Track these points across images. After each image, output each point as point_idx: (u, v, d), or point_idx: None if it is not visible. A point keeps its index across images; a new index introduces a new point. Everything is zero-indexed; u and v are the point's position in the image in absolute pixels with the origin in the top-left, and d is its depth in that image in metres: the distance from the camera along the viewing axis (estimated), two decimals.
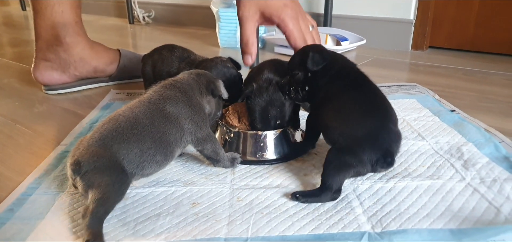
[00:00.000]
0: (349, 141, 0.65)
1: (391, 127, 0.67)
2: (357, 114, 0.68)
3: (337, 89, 0.72)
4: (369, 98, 0.70)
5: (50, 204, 0.67)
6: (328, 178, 0.64)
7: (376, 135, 0.65)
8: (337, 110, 0.70)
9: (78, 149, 0.63)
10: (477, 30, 1.82)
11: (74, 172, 0.61)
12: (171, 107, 0.70)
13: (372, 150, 0.63)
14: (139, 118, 0.67)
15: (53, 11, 1.21)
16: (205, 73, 0.80)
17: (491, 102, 1.15)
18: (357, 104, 0.69)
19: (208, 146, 0.74)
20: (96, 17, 3.17)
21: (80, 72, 1.29)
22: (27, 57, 1.77)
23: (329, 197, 0.65)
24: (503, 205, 0.62)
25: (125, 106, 0.70)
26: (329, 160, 0.65)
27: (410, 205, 0.64)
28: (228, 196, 0.69)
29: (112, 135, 0.63)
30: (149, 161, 0.66)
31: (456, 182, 0.70)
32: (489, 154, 0.79)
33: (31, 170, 0.79)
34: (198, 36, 2.36)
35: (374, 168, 0.65)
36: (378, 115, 0.68)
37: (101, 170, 0.60)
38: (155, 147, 0.66)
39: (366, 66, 1.63)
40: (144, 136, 0.65)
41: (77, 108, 1.16)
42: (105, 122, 0.66)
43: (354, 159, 0.63)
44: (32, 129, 1.01)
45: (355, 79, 0.74)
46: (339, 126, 0.68)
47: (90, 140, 0.63)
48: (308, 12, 2.12)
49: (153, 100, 0.70)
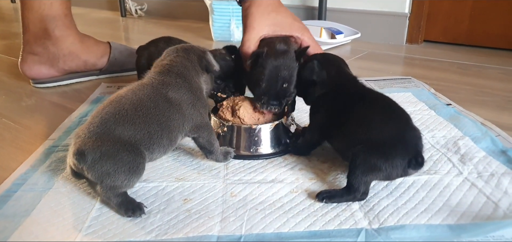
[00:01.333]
0: (376, 147, 0.62)
1: (413, 126, 0.65)
2: (380, 120, 0.65)
3: (348, 101, 0.70)
4: (385, 103, 0.69)
5: (36, 201, 0.64)
6: (356, 181, 0.62)
7: (404, 137, 0.63)
8: (357, 119, 0.66)
9: (78, 137, 0.60)
10: (471, 24, 1.81)
11: (78, 161, 0.59)
12: (173, 93, 0.68)
13: (404, 152, 0.61)
14: (143, 101, 0.65)
15: (42, 3, 1.17)
16: (191, 47, 0.77)
17: (486, 96, 1.14)
18: (377, 111, 0.67)
19: (204, 134, 0.72)
20: (88, 10, 3.12)
21: (70, 66, 1.26)
22: (16, 50, 1.73)
23: (357, 198, 0.63)
24: (501, 200, 0.61)
25: (125, 89, 0.68)
26: (357, 164, 0.62)
27: (407, 200, 0.63)
28: (221, 191, 0.67)
29: (115, 118, 0.61)
30: (157, 144, 0.64)
31: (454, 177, 0.69)
32: (485, 148, 0.78)
33: (17, 165, 0.76)
34: (192, 29, 2.33)
35: (405, 171, 0.62)
36: (399, 118, 0.66)
37: (109, 155, 0.58)
38: (162, 130, 0.65)
39: (361, 59, 1.62)
40: (150, 119, 0.64)
41: (66, 102, 1.13)
42: (105, 105, 0.64)
43: (385, 163, 0.61)
44: (19, 123, 0.98)
45: (362, 89, 0.73)
46: (363, 135, 0.64)
47: (91, 126, 0.61)
48: (303, 6, 2.13)
49: (155, 85, 0.68)
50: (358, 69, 1.45)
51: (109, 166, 0.58)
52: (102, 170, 0.58)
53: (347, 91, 0.72)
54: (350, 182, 0.62)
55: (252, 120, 0.81)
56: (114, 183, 0.59)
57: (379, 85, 1.21)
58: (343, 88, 0.73)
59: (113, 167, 0.59)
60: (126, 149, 0.60)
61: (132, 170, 0.60)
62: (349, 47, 1.85)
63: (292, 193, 0.66)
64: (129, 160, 0.60)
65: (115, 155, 0.59)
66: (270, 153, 0.79)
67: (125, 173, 0.59)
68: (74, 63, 1.26)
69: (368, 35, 1.94)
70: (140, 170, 0.61)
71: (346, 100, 0.70)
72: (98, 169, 0.58)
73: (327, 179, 0.70)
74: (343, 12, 2.02)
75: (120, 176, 0.59)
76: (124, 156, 0.59)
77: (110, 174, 0.59)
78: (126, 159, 0.59)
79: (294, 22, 0.88)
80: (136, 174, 0.61)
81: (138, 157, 0.61)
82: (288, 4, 2.17)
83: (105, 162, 0.58)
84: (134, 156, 0.60)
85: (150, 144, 0.63)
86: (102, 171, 0.58)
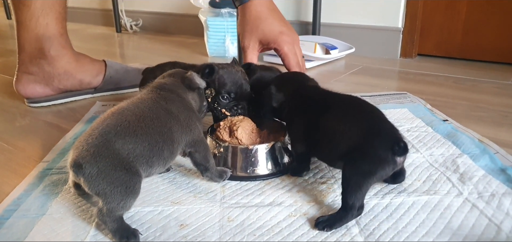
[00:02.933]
0: (356, 149, 0.63)
1: (386, 120, 0.67)
2: (350, 123, 0.66)
3: (314, 114, 0.72)
4: (352, 105, 0.71)
5: (28, 229, 0.63)
6: (351, 196, 0.61)
7: (378, 130, 0.64)
8: (329, 130, 0.68)
9: (77, 148, 0.60)
10: (465, 37, 1.83)
11: (76, 173, 0.58)
12: (171, 105, 0.69)
13: (383, 143, 0.62)
14: (145, 112, 0.65)
15: (38, 23, 1.16)
16: (175, 71, 0.79)
17: (483, 111, 1.14)
18: (345, 116, 0.68)
19: (200, 149, 0.72)
20: (83, 25, 3.11)
21: (65, 85, 1.25)
22: (11, 68, 1.71)
23: (355, 216, 0.62)
24: (503, 222, 0.60)
25: (126, 102, 0.68)
26: (348, 178, 0.62)
27: (407, 223, 0.62)
28: (218, 216, 0.66)
29: (116, 130, 0.61)
30: (157, 157, 0.64)
31: (454, 197, 0.68)
32: (485, 167, 0.77)
33: (10, 190, 0.75)
34: (187, 44, 2.33)
35: (394, 162, 0.62)
36: (369, 114, 0.68)
37: (106, 173, 0.58)
38: (163, 141, 0.65)
39: (356, 74, 1.62)
40: (152, 129, 0.64)
41: (61, 122, 1.11)
42: (106, 117, 0.64)
43: (372, 164, 0.61)
44: (13, 145, 0.96)
45: (326, 95, 0.76)
46: (340, 141, 0.66)
47: (90, 138, 0.60)
48: (296, 21, 2.13)
49: (154, 98, 0.69)
50: (353, 84, 1.46)
51: (106, 184, 0.58)
52: (99, 188, 0.58)
53: (310, 102, 0.75)
54: (345, 200, 0.62)
55: (250, 141, 0.80)
56: (110, 204, 0.58)
57: (375, 100, 1.21)
58: (306, 100, 0.76)
59: (109, 186, 0.58)
60: (124, 168, 0.59)
61: (129, 190, 0.59)
62: (343, 62, 1.86)
63: (291, 217, 0.65)
64: (126, 180, 0.59)
65: (112, 173, 0.58)
66: (267, 174, 0.78)
67: (121, 194, 0.58)
68: (69, 82, 1.25)
69: (362, 50, 1.94)
70: (136, 190, 0.60)
71: (312, 111, 0.72)
72: (95, 185, 0.58)
73: (325, 201, 0.69)
74: (337, 27, 2.03)
75: (117, 196, 0.58)
76: (121, 175, 0.58)
77: (106, 194, 0.58)
78: (123, 178, 0.59)
79: (279, 35, 0.97)
80: (132, 194, 0.60)
81: (135, 177, 0.60)
82: None
83: (102, 180, 0.57)
84: (130, 175, 0.59)
85: (150, 157, 0.63)
86: (98, 189, 0.58)
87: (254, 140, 0.81)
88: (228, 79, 0.83)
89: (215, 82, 0.83)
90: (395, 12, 1.87)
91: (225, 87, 0.83)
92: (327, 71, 1.69)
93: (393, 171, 0.64)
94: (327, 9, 2.02)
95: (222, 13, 1.96)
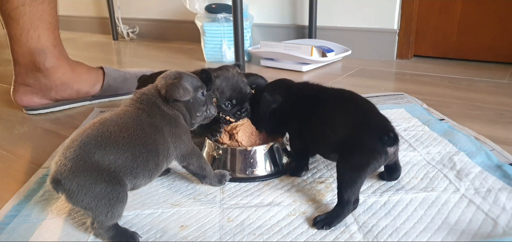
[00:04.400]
0: (346, 141, 0.64)
1: (377, 111, 0.68)
2: (339, 115, 0.68)
3: (307, 109, 0.73)
4: (341, 96, 0.73)
5: (29, 233, 0.63)
6: (346, 191, 0.62)
7: (368, 121, 0.65)
8: (320, 124, 0.70)
9: (56, 163, 0.58)
10: (460, 38, 1.84)
11: (55, 190, 0.57)
12: (154, 119, 0.66)
13: (373, 134, 0.63)
14: (129, 124, 0.63)
15: (29, 36, 1.15)
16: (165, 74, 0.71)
17: (478, 110, 1.15)
18: (334, 107, 0.70)
19: (193, 161, 0.71)
20: (80, 34, 3.12)
21: (62, 96, 1.24)
22: (8, 77, 1.72)
23: (351, 210, 0.63)
24: (499, 217, 0.61)
25: (110, 113, 0.66)
26: (342, 173, 0.63)
27: (406, 219, 0.63)
28: (218, 216, 0.66)
29: (96, 141, 0.59)
30: (142, 167, 0.62)
31: (451, 194, 0.69)
32: (481, 163, 0.78)
33: (10, 196, 0.75)
34: (184, 50, 2.34)
35: (385, 153, 0.63)
36: (360, 107, 0.69)
37: (87, 188, 0.56)
38: (148, 152, 0.62)
39: (353, 76, 1.63)
40: (136, 140, 0.62)
41: (59, 128, 1.12)
42: (87, 128, 0.62)
43: (364, 156, 0.62)
44: (12, 152, 0.97)
45: (317, 91, 0.78)
46: (330, 133, 0.67)
47: (68, 151, 0.58)
48: (293, 25, 2.15)
49: (137, 111, 0.66)
50: (350, 86, 1.45)
51: (89, 199, 0.56)
52: (82, 203, 0.57)
53: (302, 97, 0.76)
54: (341, 195, 0.62)
55: (250, 143, 0.81)
56: (98, 217, 0.58)
57: (372, 101, 1.22)
58: (298, 97, 0.77)
59: (92, 201, 0.57)
60: (104, 180, 0.57)
61: (113, 201, 0.58)
62: (340, 64, 1.87)
63: (290, 217, 0.65)
64: (108, 192, 0.57)
65: (92, 187, 0.56)
66: (266, 175, 0.79)
67: (106, 206, 0.57)
68: (66, 92, 1.25)
69: (359, 52, 1.96)
70: (121, 199, 0.59)
71: (305, 106, 0.74)
72: (77, 201, 0.57)
73: (324, 200, 0.70)
74: (333, 30, 2.04)
75: (102, 209, 0.57)
76: (102, 187, 0.57)
77: (92, 208, 0.57)
78: (104, 191, 0.57)
79: None
80: (117, 204, 0.58)
81: (117, 186, 0.58)
82: (278, 23, 2.20)
83: (84, 195, 0.56)
84: (112, 186, 0.58)
85: (134, 168, 0.61)
86: (82, 204, 0.57)
87: (253, 142, 0.82)
88: (226, 87, 0.82)
89: (215, 92, 0.82)
90: (390, 14, 1.89)
91: (225, 95, 0.82)
92: (324, 73, 1.70)
93: (386, 162, 0.66)
94: (323, 12, 2.03)
95: (219, 18, 1.97)
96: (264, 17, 2.23)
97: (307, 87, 0.80)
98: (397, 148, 0.66)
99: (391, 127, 0.65)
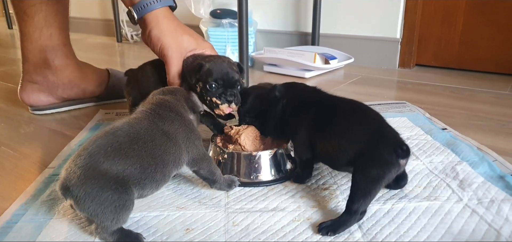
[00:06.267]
0: (363, 153, 0.65)
1: (386, 122, 0.69)
2: (356, 128, 0.68)
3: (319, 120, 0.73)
4: (355, 108, 0.73)
5: (37, 233, 0.64)
6: (358, 201, 0.62)
7: (382, 134, 0.66)
8: (335, 136, 0.69)
9: (66, 170, 0.59)
10: (462, 48, 1.86)
11: (64, 196, 0.58)
12: (169, 126, 0.68)
13: (388, 147, 0.63)
14: (140, 134, 0.64)
15: (41, 34, 1.18)
16: (175, 89, 0.78)
17: (481, 120, 1.16)
18: (351, 119, 0.70)
19: (204, 165, 0.72)
20: (84, 35, 3.13)
21: (68, 95, 1.26)
22: (13, 76, 1.74)
23: (357, 220, 0.64)
24: (502, 227, 0.62)
25: (122, 121, 0.67)
26: (358, 184, 0.64)
27: (409, 228, 0.63)
28: (223, 220, 0.67)
29: (105, 151, 0.60)
30: (150, 179, 0.63)
31: (454, 203, 0.69)
32: (483, 174, 0.79)
33: (17, 195, 0.76)
34: None
35: (398, 165, 0.64)
36: (371, 119, 0.70)
37: (94, 195, 0.57)
38: (156, 164, 0.63)
39: (355, 84, 1.64)
40: (146, 152, 0.63)
41: (65, 129, 1.13)
42: (99, 136, 0.63)
43: (380, 168, 0.63)
44: (18, 151, 0.98)
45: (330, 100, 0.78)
46: (347, 146, 0.67)
47: (78, 159, 0.59)
48: (296, 32, 2.16)
49: (151, 118, 0.68)
50: (352, 93, 1.47)
51: (95, 206, 0.57)
52: (89, 210, 0.57)
53: (315, 101, 0.77)
54: (352, 204, 0.63)
55: (254, 148, 0.81)
56: (103, 223, 0.58)
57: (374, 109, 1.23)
58: (310, 105, 0.77)
59: (99, 208, 0.57)
60: (111, 188, 0.58)
61: (119, 209, 0.58)
62: (342, 72, 1.88)
63: (294, 222, 0.66)
64: (114, 199, 0.58)
65: (99, 194, 0.57)
66: (271, 180, 0.80)
67: (111, 213, 0.58)
68: (73, 91, 1.26)
69: (361, 60, 1.97)
70: (127, 207, 0.60)
71: (317, 116, 0.73)
72: (84, 207, 0.57)
73: (328, 206, 0.71)
74: (336, 38, 2.05)
75: (108, 216, 0.58)
76: (108, 195, 0.58)
77: (97, 214, 0.58)
78: (111, 198, 0.58)
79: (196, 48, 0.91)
80: (123, 211, 0.59)
81: (124, 195, 0.59)
82: (282, 30, 2.21)
83: (91, 202, 0.57)
84: (119, 194, 0.58)
85: (142, 179, 0.62)
86: (89, 211, 0.58)
87: (257, 147, 0.83)
88: (213, 68, 0.83)
89: (202, 75, 0.83)
90: (393, 23, 1.90)
91: (211, 76, 0.83)
92: (326, 80, 1.71)
93: (396, 174, 0.66)
94: (327, 20, 2.04)
95: (223, 23, 1.98)
96: (268, 23, 2.24)
97: (320, 95, 0.80)
98: (408, 160, 0.67)
99: (402, 140, 0.66)
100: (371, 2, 1.92)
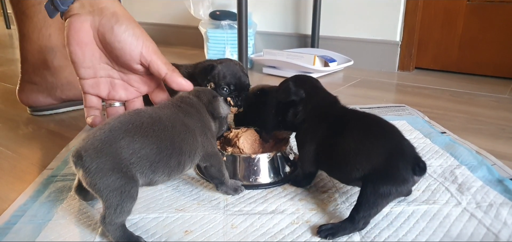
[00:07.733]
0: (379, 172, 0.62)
1: (403, 137, 0.66)
2: (374, 142, 0.64)
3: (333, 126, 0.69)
4: (372, 122, 0.69)
5: (35, 234, 0.64)
6: (364, 212, 0.61)
7: (402, 149, 0.63)
8: (348, 148, 0.65)
9: (84, 139, 0.60)
10: (461, 52, 1.86)
11: (75, 163, 0.58)
12: (188, 119, 0.70)
13: (406, 164, 0.61)
14: (162, 118, 0.66)
15: (40, 35, 1.18)
16: (204, 90, 0.79)
17: (480, 124, 1.16)
18: (368, 133, 0.66)
19: (215, 162, 0.73)
20: None
21: (67, 95, 1.26)
22: (12, 77, 1.74)
23: (358, 229, 0.63)
24: (501, 231, 0.62)
25: (148, 107, 0.71)
26: (367, 197, 0.61)
27: (408, 231, 0.63)
28: (222, 223, 0.67)
29: (126, 128, 0.61)
30: (163, 163, 0.63)
31: (453, 207, 0.69)
32: (482, 177, 0.79)
33: (16, 196, 0.76)
34: (186, 56, 2.35)
35: (412, 180, 0.63)
36: (391, 133, 0.66)
37: (103, 172, 0.57)
38: (173, 149, 0.65)
39: (354, 87, 1.64)
40: (164, 135, 0.64)
41: (63, 130, 1.13)
42: (122, 114, 0.65)
43: (395, 185, 0.61)
44: (17, 152, 0.97)
45: (345, 111, 0.74)
46: (361, 161, 0.63)
47: (98, 132, 0.60)
48: (296, 34, 2.17)
49: (174, 108, 0.71)
50: (351, 96, 1.48)
51: (102, 185, 0.57)
52: (95, 186, 0.57)
53: (329, 115, 0.72)
54: (357, 213, 0.61)
55: (252, 150, 0.82)
56: (108, 209, 0.58)
57: (373, 112, 1.22)
58: (325, 112, 0.73)
59: (105, 189, 0.57)
60: (121, 170, 0.58)
61: (124, 195, 0.58)
62: (342, 74, 1.88)
63: (293, 225, 0.66)
64: (121, 184, 0.58)
65: (109, 173, 0.57)
66: (269, 182, 0.80)
67: (116, 198, 0.58)
68: (71, 92, 1.26)
69: (361, 63, 1.97)
70: (132, 195, 0.60)
71: (331, 126, 0.70)
72: (92, 181, 0.57)
73: (327, 209, 0.71)
74: (335, 40, 2.06)
75: (113, 200, 0.58)
76: (117, 177, 0.58)
77: (102, 195, 0.58)
78: (118, 181, 0.58)
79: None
80: (128, 199, 0.59)
81: (131, 181, 0.59)
82: (281, 32, 2.21)
83: (99, 179, 0.57)
84: (126, 179, 0.59)
85: (156, 162, 0.62)
86: (95, 187, 0.58)
87: (256, 150, 0.83)
88: (227, 71, 0.87)
89: (215, 76, 0.87)
90: (393, 26, 1.91)
91: (225, 79, 0.86)
92: (325, 83, 1.70)
93: (407, 190, 0.66)
94: (326, 22, 2.05)
95: (222, 25, 1.99)
96: (267, 25, 2.25)
97: (334, 103, 0.76)
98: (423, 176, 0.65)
99: (419, 155, 0.63)
100: (371, 5, 1.93)
